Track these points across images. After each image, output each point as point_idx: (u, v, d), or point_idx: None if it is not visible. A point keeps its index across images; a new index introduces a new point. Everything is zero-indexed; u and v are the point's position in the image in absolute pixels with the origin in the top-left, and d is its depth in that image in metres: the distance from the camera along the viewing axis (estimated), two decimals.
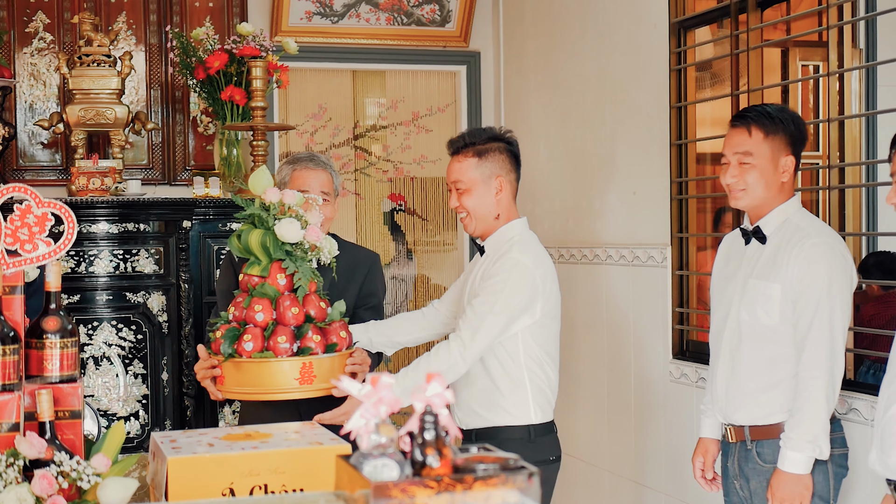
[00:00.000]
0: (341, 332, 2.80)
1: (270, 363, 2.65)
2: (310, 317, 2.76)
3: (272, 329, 2.70)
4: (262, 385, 2.66)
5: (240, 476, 2.04)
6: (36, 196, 2.10)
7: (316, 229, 2.78)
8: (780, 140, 2.93)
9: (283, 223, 2.72)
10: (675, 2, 4.12)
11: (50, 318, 2.09)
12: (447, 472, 1.53)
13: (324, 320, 2.77)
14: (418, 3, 5.62)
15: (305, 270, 2.74)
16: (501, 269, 3.10)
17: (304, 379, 2.66)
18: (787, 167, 2.94)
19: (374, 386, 1.61)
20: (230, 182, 4.88)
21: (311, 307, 2.76)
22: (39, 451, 1.91)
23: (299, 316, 2.73)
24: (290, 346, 2.69)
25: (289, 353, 2.68)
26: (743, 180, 2.95)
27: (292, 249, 2.76)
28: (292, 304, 2.73)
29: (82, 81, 4.65)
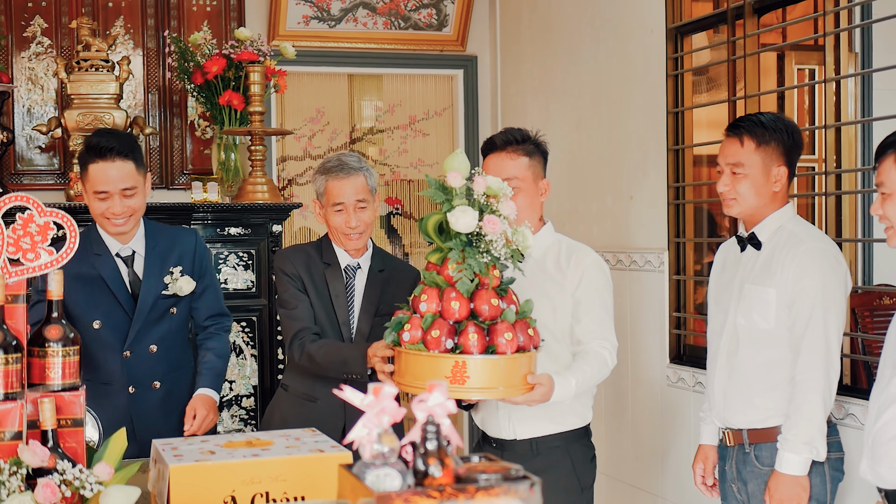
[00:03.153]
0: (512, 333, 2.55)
1: (421, 356, 2.51)
2: (475, 313, 2.55)
3: (430, 321, 2.53)
4: (414, 377, 2.53)
5: (241, 484, 2.06)
6: (38, 205, 2.11)
7: (497, 221, 2.52)
8: (773, 150, 2.95)
9: (455, 210, 2.51)
10: (672, 7, 4.14)
11: (52, 326, 2.10)
12: (449, 481, 1.54)
13: (492, 319, 2.54)
14: (415, 8, 5.63)
15: (474, 264, 2.51)
16: (595, 275, 3.11)
17: (456, 378, 2.49)
18: (780, 177, 2.97)
19: (377, 396, 1.63)
20: (228, 186, 4.89)
21: (483, 303, 2.53)
22: (42, 459, 1.92)
23: (461, 311, 2.53)
24: (445, 342, 2.51)
25: (443, 348, 2.51)
26: (734, 189, 2.98)
27: (470, 239, 2.54)
28: (456, 297, 2.53)
29: (80, 86, 4.65)
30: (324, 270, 3.30)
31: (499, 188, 2.56)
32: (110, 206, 3.19)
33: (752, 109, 3.71)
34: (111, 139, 3.21)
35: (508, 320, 2.54)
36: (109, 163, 3.16)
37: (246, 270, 4.62)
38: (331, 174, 3.26)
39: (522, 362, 2.58)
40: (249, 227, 4.65)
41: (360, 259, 3.33)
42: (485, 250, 2.52)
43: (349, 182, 3.24)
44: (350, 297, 3.31)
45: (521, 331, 2.54)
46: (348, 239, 3.27)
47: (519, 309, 2.60)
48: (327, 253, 3.34)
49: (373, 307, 3.29)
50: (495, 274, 2.55)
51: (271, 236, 4.66)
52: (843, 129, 3.39)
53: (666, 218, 4.16)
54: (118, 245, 3.29)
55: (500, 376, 2.52)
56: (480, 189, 2.53)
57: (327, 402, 3.20)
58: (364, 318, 3.29)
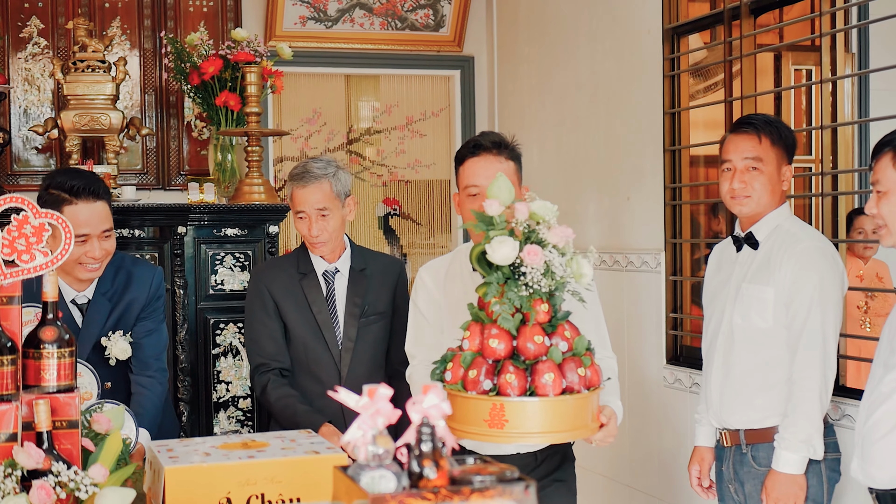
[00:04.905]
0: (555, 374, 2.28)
1: (459, 397, 2.29)
2: (517, 352, 2.31)
3: (470, 360, 2.33)
4: (456, 420, 2.30)
5: (236, 485, 2.05)
6: (33, 206, 2.11)
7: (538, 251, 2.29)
8: (782, 149, 2.98)
9: (493, 241, 2.30)
10: (668, 8, 4.14)
11: (47, 328, 2.09)
12: (444, 483, 1.54)
13: (536, 358, 2.29)
14: (412, 8, 5.63)
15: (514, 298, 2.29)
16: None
17: (494, 422, 2.28)
18: (787, 176, 3.00)
19: (372, 398, 1.63)
20: (225, 187, 4.89)
21: (525, 341, 2.29)
22: (37, 461, 1.92)
23: (502, 349, 2.29)
24: (483, 382, 2.29)
25: (481, 389, 2.28)
26: (750, 186, 2.97)
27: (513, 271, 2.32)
28: (497, 335, 2.30)
29: (77, 87, 4.65)
30: (300, 281, 3.29)
31: (544, 214, 2.35)
32: (89, 251, 2.92)
33: (748, 110, 3.71)
34: (85, 179, 2.94)
35: (553, 359, 2.29)
36: (90, 203, 2.90)
37: (242, 271, 4.62)
38: (295, 181, 3.26)
39: (571, 405, 2.30)
40: (246, 228, 4.64)
41: (337, 263, 3.32)
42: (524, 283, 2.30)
43: (309, 190, 3.22)
44: (332, 302, 3.30)
45: (569, 370, 2.29)
46: (313, 247, 3.28)
47: (572, 346, 2.33)
48: (303, 262, 3.33)
49: (358, 309, 3.29)
50: (542, 308, 2.31)
51: (268, 237, 4.66)
52: (840, 129, 3.40)
53: (662, 219, 4.16)
54: (73, 292, 3.03)
55: (543, 420, 2.27)
56: (523, 216, 2.33)
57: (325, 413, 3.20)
58: (350, 322, 3.29)
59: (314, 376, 3.28)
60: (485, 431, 2.28)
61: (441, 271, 2.94)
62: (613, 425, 2.52)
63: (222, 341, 4.62)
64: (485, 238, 2.33)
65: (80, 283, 3.03)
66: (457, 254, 2.98)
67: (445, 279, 2.91)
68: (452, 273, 2.92)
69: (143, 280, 3.12)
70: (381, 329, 3.33)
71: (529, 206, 2.35)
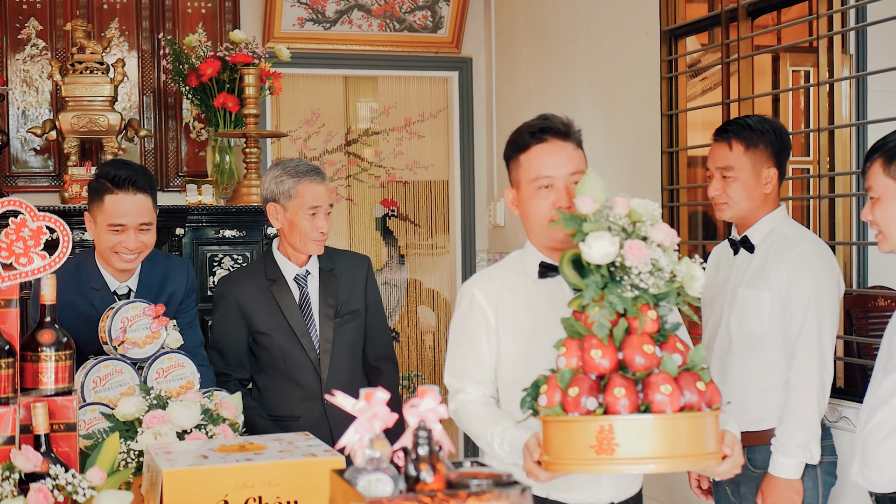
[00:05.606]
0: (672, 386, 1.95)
1: (558, 423, 1.98)
2: (623, 365, 2.00)
3: (569, 378, 2.01)
4: (555, 453, 2.01)
5: (234, 488, 2.05)
6: (30, 209, 2.11)
7: (642, 246, 1.99)
8: (762, 152, 2.97)
9: (588, 238, 2.02)
10: (666, 10, 4.14)
11: (45, 330, 2.10)
12: (441, 487, 1.54)
13: (647, 371, 1.98)
14: (410, 10, 5.63)
15: (616, 301, 2.00)
16: None
17: (603, 448, 1.94)
18: (770, 178, 2.98)
19: (368, 401, 1.63)
20: (223, 189, 4.89)
21: (633, 351, 1.99)
22: (35, 464, 1.92)
23: (605, 361, 1.99)
24: (586, 402, 1.97)
25: (584, 410, 1.96)
26: (725, 193, 3.00)
27: (612, 272, 2.03)
28: (597, 345, 2.00)
29: (75, 89, 4.65)
30: (269, 287, 3.28)
31: (646, 211, 2.05)
32: (124, 241, 3.00)
33: (746, 112, 3.72)
34: (131, 171, 3.04)
35: (668, 371, 1.97)
36: (130, 195, 2.99)
37: None
38: (305, 177, 3.23)
39: (692, 425, 1.95)
40: (244, 229, 4.65)
41: (307, 265, 3.32)
42: (629, 284, 2.00)
43: (325, 187, 3.25)
44: (306, 305, 3.29)
45: (686, 385, 1.96)
46: (318, 245, 3.25)
47: (687, 359, 2.02)
48: (270, 268, 3.31)
49: (332, 310, 3.28)
50: (650, 316, 2.01)
51: (266, 238, 4.67)
52: (837, 131, 3.40)
53: None
54: (116, 283, 3.11)
55: (660, 442, 1.93)
56: (621, 212, 2.05)
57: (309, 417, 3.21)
58: (325, 324, 3.28)
59: (294, 381, 3.27)
60: (591, 459, 1.95)
61: (494, 289, 2.50)
62: (739, 454, 2.16)
63: None
64: (577, 235, 2.05)
65: (121, 274, 3.11)
66: (507, 266, 2.56)
67: (500, 298, 2.49)
68: (511, 290, 2.49)
69: (179, 273, 3.22)
70: (356, 327, 3.33)
71: (630, 202, 2.07)
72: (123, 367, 2.65)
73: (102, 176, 3.03)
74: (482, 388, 2.48)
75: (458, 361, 2.52)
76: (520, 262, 2.52)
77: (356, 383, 3.28)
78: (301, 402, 3.23)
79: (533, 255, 2.48)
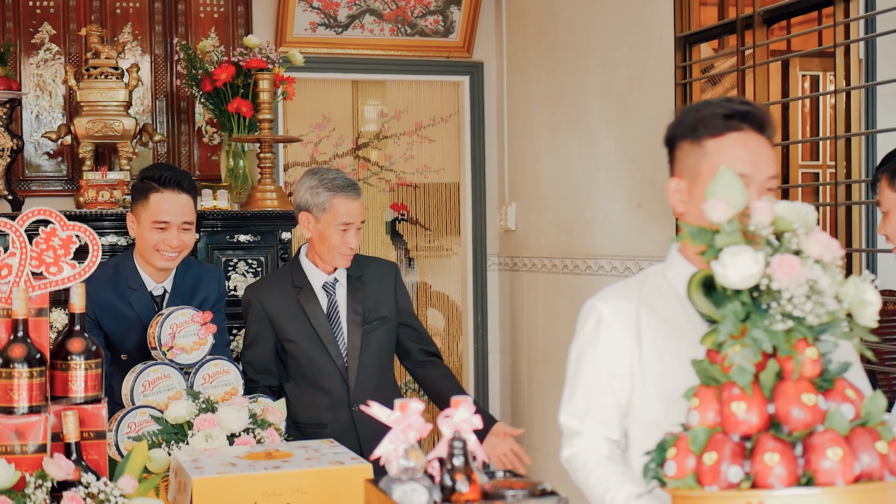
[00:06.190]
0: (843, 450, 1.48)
1: (691, 498, 1.54)
2: (775, 421, 1.55)
3: (704, 439, 1.56)
4: None
5: (263, 495, 2.07)
6: (60, 219, 2.13)
7: (794, 263, 1.56)
8: None
9: (723, 254, 1.58)
10: (680, 16, 4.15)
11: (75, 339, 2.11)
12: (476, 497, 1.56)
13: (807, 428, 1.52)
14: (422, 14, 5.65)
15: (762, 337, 1.55)
16: None
17: None
18: None
19: (403, 412, 1.64)
20: (237, 193, 4.91)
21: (787, 403, 1.54)
22: (67, 472, 1.93)
23: (752, 417, 1.54)
24: (728, 471, 1.52)
25: (725, 482, 1.52)
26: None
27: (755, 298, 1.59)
28: (740, 396, 1.55)
29: (90, 94, 4.66)
30: (296, 295, 3.29)
31: (797, 217, 1.62)
32: (167, 238, 3.12)
33: None
34: (176, 172, 3.20)
35: (837, 429, 1.51)
36: (175, 194, 3.13)
37: (255, 278, 4.63)
38: (342, 192, 3.22)
39: (869, 500, 1.48)
40: (259, 234, 4.66)
41: (335, 273, 3.32)
42: (779, 313, 1.55)
43: (359, 203, 3.25)
44: (334, 313, 3.30)
45: (862, 446, 1.50)
46: (345, 259, 3.26)
47: (861, 411, 1.55)
48: (297, 276, 3.32)
49: (359, 317, 3.29)
50: (809, 354, 1.55)
51: (281, 244, 4.68)
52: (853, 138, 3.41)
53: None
54: (153, 283, 3.22)
55: None
56: (764, 219, 1.62)
57: (336, 425, 3.22)
58: (353, 331, 3.29)
59: (321, 389, 3.28)
60: None
61: (629, 308, 2.09)
62: None
63: (236, 347, 4.63)
64: (707, 252, 1.61)
65: (158, 275, 3.21)
66: (645, 281, 2.12)
67: (636, 320, 2.07)
68: (650, 310, 2.06)
69: (211, 280, 3.34)
70: (384, 334, 3.34)
71: (774, 206, 1.64)
72: (171, 372, 2.71)
73: (148, 177, 3.18)
74: (606, 432, 2.08)
75: (578, 397, 2.11)
76: (661, 276, 2.08)
77: (384, 390, 3.29)
78: (328, 409, 3.24)
79: (680, 267, 2.04)
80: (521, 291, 5.57)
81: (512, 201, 5.63)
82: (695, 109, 2.04)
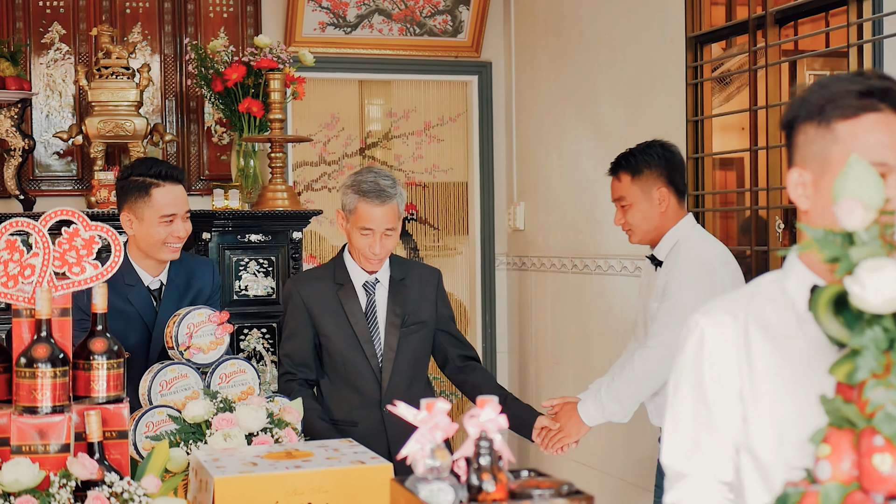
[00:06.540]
0: None
1: None
2: None
3: (838, 498, 1.29)
4: None
5: (284, 495, 2.08)
6: (83, 219, 2.14)
7: None
8: (649, 176, 3.21)
9: (859, 269, 1.28)
10: (691, 16, 4.16)
11: (97, 339, 2.12)
12: (503, 496, 1.56)
13: None
14: (430, 14, 5.66)
15: None
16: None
17: None
18: (662, 198, 3.20)
19: (430, 411, 1.65)
20: (248, 193, 4.92)
21: None
22: (91, 472, 1.94)
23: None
24: None
25: None
26: (627, 222, 3.25)
27: None
28: (884, 448, 1.26)
29: (101, 94, 4.67)
30: (336, 292, 3.27)
31: None
32: (174, 230, 3.15)
33: (773, 118, 3.74)
34: (166, 165, 3.21)
35: None
36: (174, 186, 3.16)
37: (266, 277, 4.64)
38: (366, 197, 3.16)
39: None
40: (270, 234, 4.67)
41: (377, 273, 3.30)
42: None
43: (383, 210, 3.16)
44: (372, 313, 3.30)
45: None
46: (368, 262, 3.25)
47: None
48: (340, 273, 3.30)
49: (398, 319, 3.27)
50: None
51: (291, 243, 4.69)
52: None
53: None
54: (149, 277, 3.23)
55: None
56: None
57: (367, 424, 3.22)
58: (391, 332, 3.27)
59: (354, 387, 3.27)
60: None
61: (736, 325, 1.73)
62: None
63: (246, 346, 4.64)
64: (840, 265, 1.31)
65: (154, 268, 3.23)
66: (757, 292, 1.76)
67: (746, 340, 1.72)
68: (763, 326, 1.72)
69: (205, 272, 3.35)
70: (421, 339, 3.33)
71: None
72: (189, 372, 2.72)
73: (140, 174, 3.17)
74: (716, 473, 1.76)
75: (681, 431, 1.79)
76: (777, 286, 1.74)
77: (415, 394, 3.27)
78: (360, 408, 3.24)
79: (802, 277, 1.70)
80: (529, 291, 5.58)
81: (520, 201, 5.64)
82: (821, 86, 1.69)
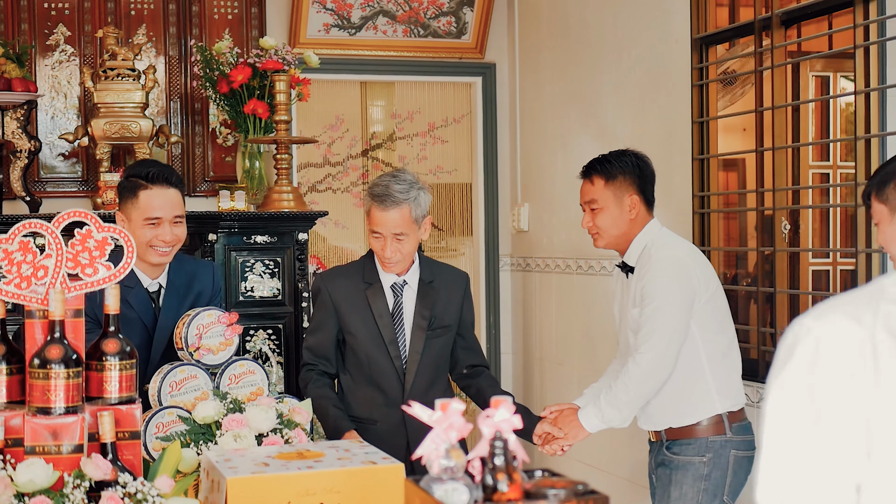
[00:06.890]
0: None
1: None
2: None
3: None
4: None
5: (296, 495, 2.08)
6: (96, 221, 2.14)
7: None
8: (622, 182, 3.26)
9: None
10: (697, 17, 4.16)
11: (109, 340, 2.13)
12: (518, 496, 1.57)
13: None
14: (434, 16, 5.66)
15: None
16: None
17: None
18: (633, 205, 3.25)
19: (445, 412, 1.66)
20: (253, 195, 4.92)
21: None
22: (105, 472, 1.95)
23: None
24: None
25: None
26: (595, 225, 3.28)
27: None
28: None
29: (107, 95, 4.68)
30: (364, 290, 3.27)
31: None
32: (160, 234, 3.11)
33: (779, 119, 3.74)
34: (161, 167, 3.17)
35: None
36: (163, 189, 3.11)
37: (272, 278, 4.65)
38: (375, 201, 3.19)
39: None
40: (276, 235, 4.68)
41: (406, 275, 3.29)
42: None
43: (389, 214, 3.16)
44: (399, 314, 3.29)
45: None
46: (383, 265, 3.26)
47: None
48: (369, 272, 3.30)
49: (425, 321, 3.27)
50: None
51: (297, 244, 4.69)
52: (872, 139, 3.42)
53: (691, 227, 4.19)
54: (148, 279, 3.20)
55: None
56: None
57: (387, 423, 3.23)
58: (417, 334, 3.27)
59: (377, 386, 3.27)
60: None
61: (859, 332, 1.42)
62: None
63: (252, 347, 4.65)
64: None
65: (152, 270, 3.19)
66: (882, 297, 1.45)
67: (872, 348, 1.41)
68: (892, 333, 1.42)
69: (205, 274, 3.32)
70: (445, 343, 3.33)
71: None
72: (198, 373, 2.72)
73: (134, 175, 3.16)
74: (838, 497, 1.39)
75: (786, 467, 1.40)
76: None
77: (436, 395, 3.28)
78: (381, 407, 3.24)
79: None
80: (533, 292, 5.58)
81: (525, 202, 5.64)
82: None
